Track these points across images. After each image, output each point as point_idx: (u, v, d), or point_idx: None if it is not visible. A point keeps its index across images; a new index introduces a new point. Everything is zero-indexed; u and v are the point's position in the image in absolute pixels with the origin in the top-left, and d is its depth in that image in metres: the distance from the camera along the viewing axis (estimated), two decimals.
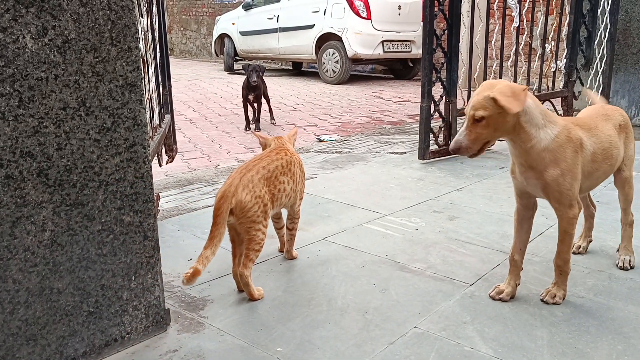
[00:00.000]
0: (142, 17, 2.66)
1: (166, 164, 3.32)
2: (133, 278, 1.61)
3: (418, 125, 3.88)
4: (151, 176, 1.59)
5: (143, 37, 2.62)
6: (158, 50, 3.04)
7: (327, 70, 9.85)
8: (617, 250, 2.23)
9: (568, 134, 1.78)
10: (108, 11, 1.46)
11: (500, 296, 1.91)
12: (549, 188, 1.78)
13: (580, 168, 1.80)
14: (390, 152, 4.24)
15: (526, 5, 4.50)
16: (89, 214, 1.49)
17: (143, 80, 2.53)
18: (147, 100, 2.63)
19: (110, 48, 1.47)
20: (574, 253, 2.26)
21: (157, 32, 3.02)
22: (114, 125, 1.49)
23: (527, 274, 2.10)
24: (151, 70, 2.77)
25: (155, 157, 2.92)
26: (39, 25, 1.35)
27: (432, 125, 3.78)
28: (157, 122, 2.89)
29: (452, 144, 1.80)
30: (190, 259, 2.23)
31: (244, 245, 1.83)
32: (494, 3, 4.13)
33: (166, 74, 3.22)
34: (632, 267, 2.15)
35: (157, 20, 3.01)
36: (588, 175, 1.86)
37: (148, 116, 2.54)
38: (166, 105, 3.25)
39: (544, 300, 1.88)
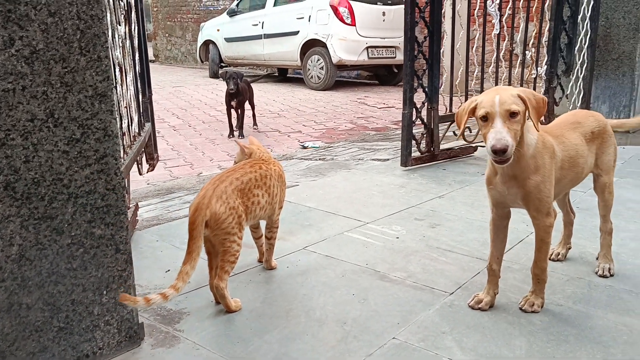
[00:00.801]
0: (120, 25, 2.63)
1: (147, 172, 3.28)
2: (105, 292, 1.57)
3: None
4: (123, 188, 1.56)
5: (121, 44, 2.59)
6: (137, 57, 3.01)
7: (312, 77, 9.85)
8: (597, 258, 2.23)
9: (543, 140, 1.78)
10: (77, 21, 1.43)
11: (480, 305, 1.90)
12: (530, 196, 1.77)
13: (554, 175, 1.80)
14: (373, 159, 4.24)
15: (506, 12, 4.53)
16: (58, 227, 1.46)
17: (121, 88, 2.51)
18: (126, 109, 2.60)
19: (80, 58, 1.44)
20: (553, 260, 2.27)
21: (137, 39, 2.99)
22: (84, 137, 1.46)
23: (507, 281, 2.09)
24: (130, 78, 2.74)
25: (135, 166, 2.89)
26: (5, 35, 1.32)
27: (414, 132, 3.78)
28: (137, 131, 2.86)
29: (495, 144, 1.58)
30: (168, 270, 2.20)
31: (219, 257, 1.81)
32: (474, 10, 4.15)
33: (146, 81, 3.18)
34: (611, 275, 2.15)
35: (136, 28, 2.98)
36: (557, 182, 1.86)
37: (126, 125, 2.51)
38: (146, 113, 3.21)
39: (523, 308, 1.88)
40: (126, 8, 2.77)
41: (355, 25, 9.45)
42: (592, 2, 4.82)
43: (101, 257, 1.55)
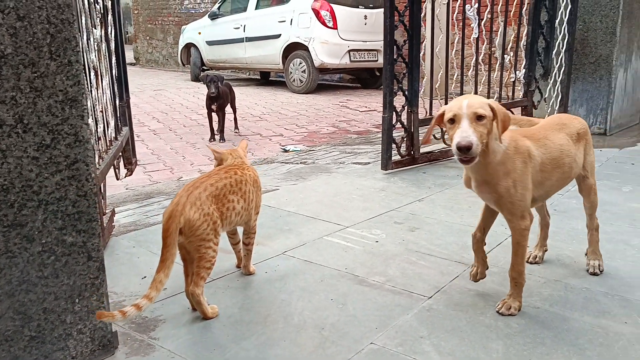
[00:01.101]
0: (95, 28, 2.60)
1: (125, 177, 3.24)
2: (77, 301, 1.54)
3: None
4: (96, 194, 1.53)
5: (96, 48, 2.56)
6: (115, 60, 2.98)
7: (294, 80, 9.84)
8: (586, 254, 2.26)
9: (516, 145, 1.82)
10: (47, 25, 1.40)
11: (478, 277, 2.05)
12: (502, 200, 1.80)
13: (530, 178, 1.83)
14: (354, 163, 4.24)
15: (485, 17, 4.57)
16: (28, 234, 1.43)
17: (97, 92, 2.48)
18: (101, 113, 2.56)
19: (50, 62, 1.41)
20: (530, 263, 2.28)
21: (113, 42, 2.95)
22: (54, 142, 1.43)
23: (485, 284, 2.10)
24: (105, 81, 2.71)
25: (113, 171, 2.85)
26: None
27: (394, 135, 3.79)
28: (113, 135, 2.82)
29: (460, 141, 1.63)
30: (145, 277, 2.17)
31: (194, 263, 1.78)
32: (454, 14, 4.17)
33: (124, 85, 3.14)
34: (601, 272, 2.19)
35: (112, 31, 2.94)
36: (538, 184, 1.89)
37: (102, 129, 2.48)
38: (124, 117, 3.17)
39: (500, 312, 1.88)
40: (102, 11, 2.74)
41: (337, 29, 9.46)
42: (569, 6, 4.88)
43: (73, 264, 1.52)
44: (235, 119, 6.23)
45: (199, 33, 11.76)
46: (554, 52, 4.91)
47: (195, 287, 1.78)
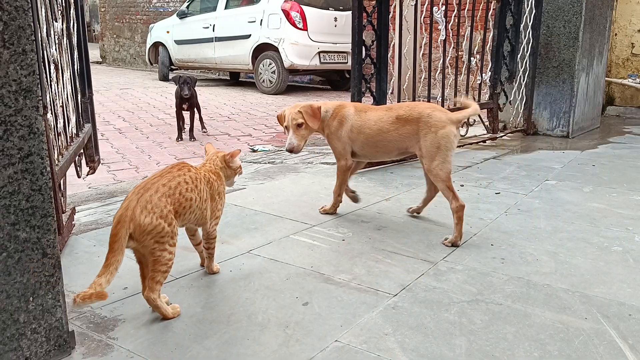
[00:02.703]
0: (56, 21, 2.52)
1: (87, 175, 3.16)
2: (31, 299, 1.49)
3: None
4: (50, 188, 1.48)
5: (57, 41, 2.48)
6: (77, 55, 2.90)
7: (263, 81, 9.79)
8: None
9: (336, 115, 2.73)
10: (0, 12, 1.35)
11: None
12: (330, 147, 2.81)
13: (343, 134, 2.72)
14: (322, 163, 4.23)
15: (452, 20, 4.62)
16: None
17: (57, 87, 2.41)
18: (61, 108, 2.49)
19: (2, 51, 1.36)
20: (409, 213, 2.92)
21: (76, 37, 2.88)
22: (6, 134, 1.38)
23: (450, 282, 2.11)
24: (66, 76, 2.63)
25: (74, 169, 2.77)
26: None
27: None
28: (74, 132, 2.74)
29: (287, 147, 2.66)
30: None
31: (149, 266, 1.71)
32: (422, 16, 4.21)
33: (86, 81, 3.06)
34: (452, 245, 2.45)
35: (75, 25, 2.86)
36: (352, 142, 2.72)
37: (61, 124, 2.41)
38: (86, 113, 3.09)
39: (320, 210, 2.87)
40: (63, 4, 2.66)
41: (307, 30, 9.46)
42: (534, 11, 4.98)
43: (26, 261, 1.46)
44: (200, 118, 6.14)
45: (167, 32, 11.60)
46: (519, 55, 5.00)
47: (151, 292, 1.71)
